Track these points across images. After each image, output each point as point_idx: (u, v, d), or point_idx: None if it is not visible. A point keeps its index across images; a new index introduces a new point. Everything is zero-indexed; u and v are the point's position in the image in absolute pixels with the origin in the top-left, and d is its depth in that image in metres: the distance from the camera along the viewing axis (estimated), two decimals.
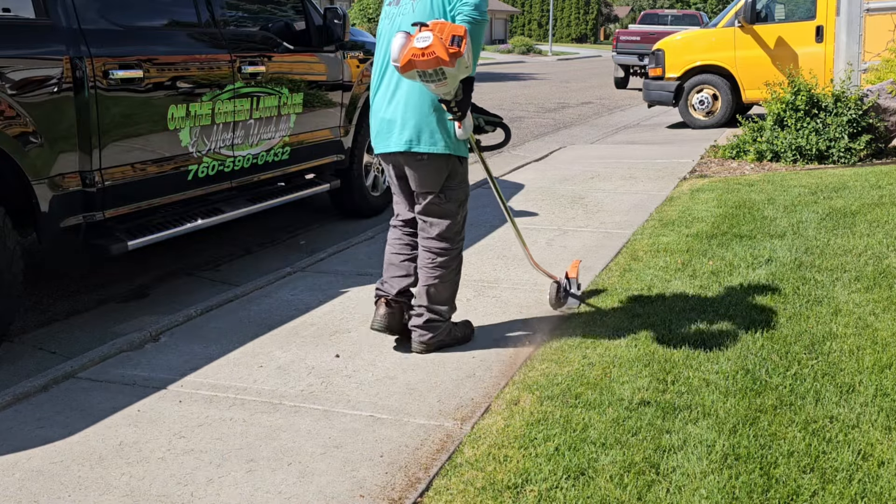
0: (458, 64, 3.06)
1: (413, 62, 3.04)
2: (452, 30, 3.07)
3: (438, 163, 3.48)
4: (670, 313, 3.97)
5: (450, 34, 3.05)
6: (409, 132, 3.44)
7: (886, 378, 3.20)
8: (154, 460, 2.82)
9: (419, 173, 3.51)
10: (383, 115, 3.53)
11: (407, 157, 3.49)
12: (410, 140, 3.45)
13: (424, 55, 3.01)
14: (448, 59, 3.01)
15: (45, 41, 3.89)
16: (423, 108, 3.42)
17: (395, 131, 3.48)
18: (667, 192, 6.99)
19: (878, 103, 8.09)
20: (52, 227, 3.97)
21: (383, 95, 3.54)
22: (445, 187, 3.54)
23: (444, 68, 3.04)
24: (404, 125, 3.45)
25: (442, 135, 3.44)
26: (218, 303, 4.42)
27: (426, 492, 2.60)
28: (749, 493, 2.49)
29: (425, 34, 3.04)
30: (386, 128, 3.52)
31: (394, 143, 3.50)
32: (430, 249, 3.59)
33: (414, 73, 3.10)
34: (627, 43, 20.35)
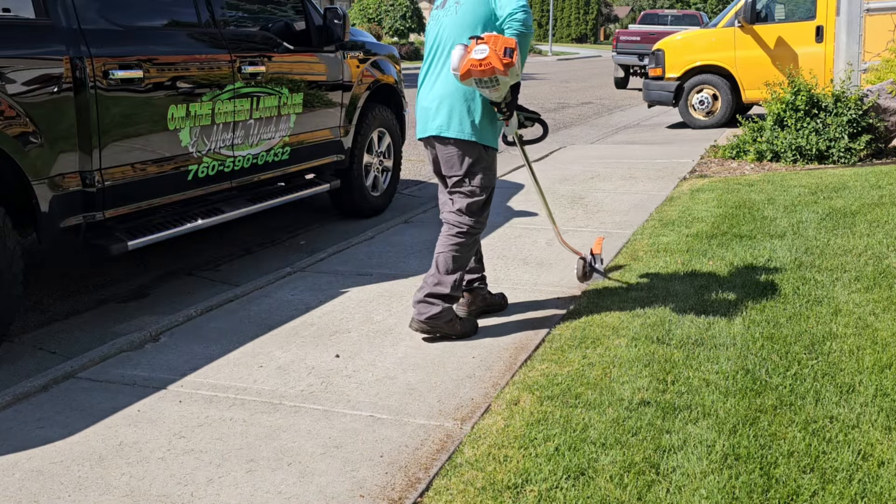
0: (511, 73, 3.43)
1: (471, 71, 3.41)
2: (505, 42, 3.42)
3: (464, 148, 3.76)
4: (670, 313, 3.97)
5: (503, 46, 3.40)
6: (440, 118, 3.75)
7: (886, 378, 3.20)
8: (154, 460, 2.82)
9: (446, 156, 3.82)
10: (423, 104, 3.86)
11: (438, 141, 3.80)
12: (440, 125, 3.75)
13: (482, 65, 3.39)
14: (503, 68, 3.38)
15: (45, 41, 3.89)
16: (455, 97, 3.72)
17: (430, 117, 3.80)
18: (667, 192, 6.99)
19: (878, 103, 8.09)
20: (52, 227, 3.97)
21: (426, 86, 3.87)
22: (470, 172, 3.81)
23: (499, 76, 3.42)
24: (438, 112, 3.76)
25: (470, 123, 3.72)
26: (218, 303, 4.42)
27: (426, 492, 2.61)
28: (749, 493, 2.49)
29: (482, 47, 3.40)
30: (423, 115, 3.84)
31: (429, 129, 3.81)
32: (449, 222, 3.87)
33: (472, 81, 3.48)
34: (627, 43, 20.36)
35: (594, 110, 15.97)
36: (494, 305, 4.20)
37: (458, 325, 3.85)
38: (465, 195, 3.84)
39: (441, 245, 3.84)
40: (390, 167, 6.90)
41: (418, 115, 3.89)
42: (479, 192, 3.84)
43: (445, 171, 3.86)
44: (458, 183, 3.84)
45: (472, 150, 3.76)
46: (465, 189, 3.83)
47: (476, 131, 3.73)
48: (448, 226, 3.87)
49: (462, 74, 3.47)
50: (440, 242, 3.85)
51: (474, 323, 3.97)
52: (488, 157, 3.83)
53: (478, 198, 3.84)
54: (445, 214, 3.91)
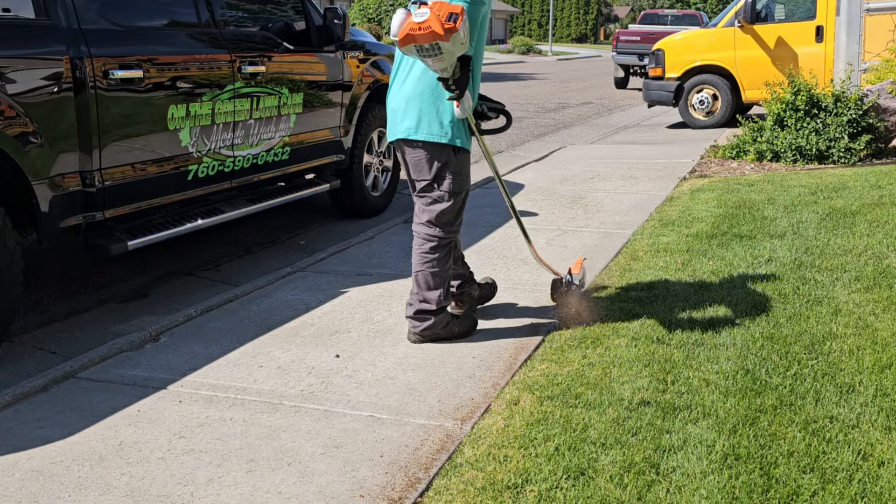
0: (454, 39, 3.16)
1: (411, 35, 3.17)
2: (450, 8, 3.18)
3: (432, 151, 3.59)
4: (670, 313, 3.97)
5: (447, 11, 3.17)
6: (409, 120, 3.59)
7: (886, 378, 3.20)
8: (154, 460, 2.82)
9: (413, 160, 3.64)
10: (392, 105, 3.70)
11: (406, 144, 3.64)
12: (409, 128, 3.59)
13: (421, 29, 3.14)
14: (443, 33, 3.12)
15: (45, 41, 3.89)
16: (423, 98, 3.55)
17: (398, 119, 3.64)
18: (667, 192, 6.99)
19: (878, 103, 8.09)
20: (52, 227, 3.97)
21: (395, 87, 3.70)
22: (438, 176, 3.62)
23: (441, 43, 3.15)
24: (406, 113, 3.60)
25: (438, 124, 3.55)
26: (218, 303, 4.42)
27: (426, 492, 2.61)
28: (749, 493, 2.49)
29: (423, 10, 3.18)
30: (392, 117, 3.69)
31: (397, 131, 3.66)
32: (419, 235, 3.71)
33: (412, 48, 3.22)
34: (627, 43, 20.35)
35: (594, 110, 15.97)
36: (485, 298, 4.18)
37: (455, 328, 3.81)
38: (434, 201, 3.65)
39: (416, 263, 3.71)
40: (390, 167, 6.91)
41: (389, 118, 3.72)
42: (447, 198, 3.63)
43: (414, 175, 3.68)
44: (426, 188, 3.65)
45: (441, 152, 3.59)
46: (434, 195, 3.64)
47: (444, 132, 3.55)
48: (419, 239, 3.70)
49: (401, 39, 3.21)
50: (415, 259, 3.71)
51: (473, 319, 3.93)
52: (458, 160, 3.63)
53: (447, 204, 3.64)
54: (415, 226, 3.73)
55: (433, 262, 3.67)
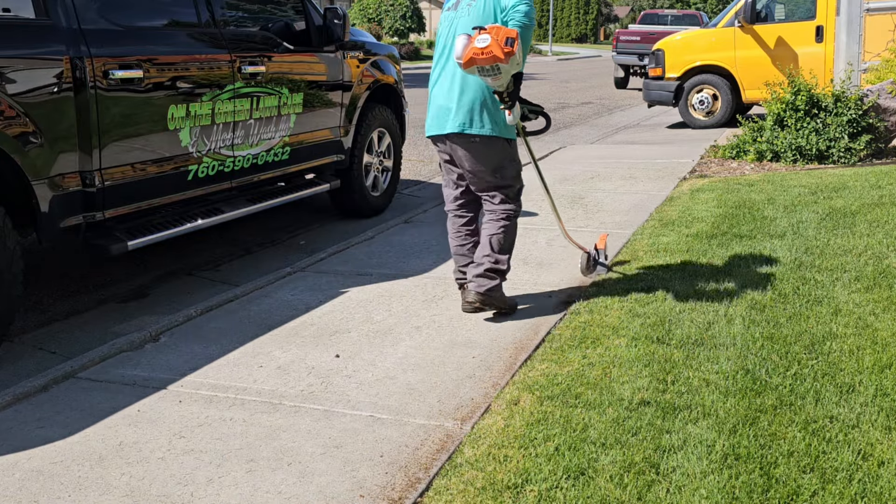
0: (511, 61, 3.56)
1: (474, 59, 3.55)
2: (507, 33, 3.57)
3: (489, 144, 3.94)
4: (670, 313, 3.97)
5: (504, 36, 3.55)
6: (462, 116, 3.91)
7: (886, 378, 3.20)
8: (154, 460, 2.82)
9: (472, 153, 3.97)
10: (440, 103, 4.00)
11: (461, 138, 3.95)
12: (463, 123, 3.91)
13: (483, 54, 3.52)
14: (503, 57, 3.52)
15: (45, 41, 3.89)
16: (475, 97, 3.89)
17: (451, 116, 3.94)
18: (667, 192, 6.99)
19: (878, 103, 8.09)
20: (52, 227, 3.97)
21: (441, 85, 4.02)
22: (499, 166, 4.01)
23: (500, 65, 3.55)
24: (458, 110, 3.91)
25: (490, 120, 3.90)
26: (218, 303, 4.42)
27: (426, 492, 2.61)
28: (749, 493, 2.49)
29: (484, 36, 3.56)
30: (443, 113, 3.98)
31: (449, 126, 3.95)
32: (494, 211, 4.10)
33: (474, 69, 3.61)
34: (627, 43, 20.35)
35: (594, 110, 15.96)
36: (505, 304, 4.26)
37: (507, 300, 4.12)
38: (500, 187, 4.06)
39: (491, 227, 4.06)
40: (390, 167, 6.91)
41: (433, 114, 4.03)
42: (512, 182, 4.08)
43: (470, 166, 4.00)
44: (489, 180, 4.03)
45: (497, 144, 3.95)
46: (500, 183, 4.04)
47: (497, 126, 3.91)
48: (494, 215, 4.09)
49: (465, 62, 3.59)
50: (488, 227, 4.07)
51: (515, 302, 4.21)
52: (511, 150, 4.05)
53: (511, 187, 4.08)
54: (489, 207, 4.11)
55: (506, 229, 4.07)
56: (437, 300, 4.40)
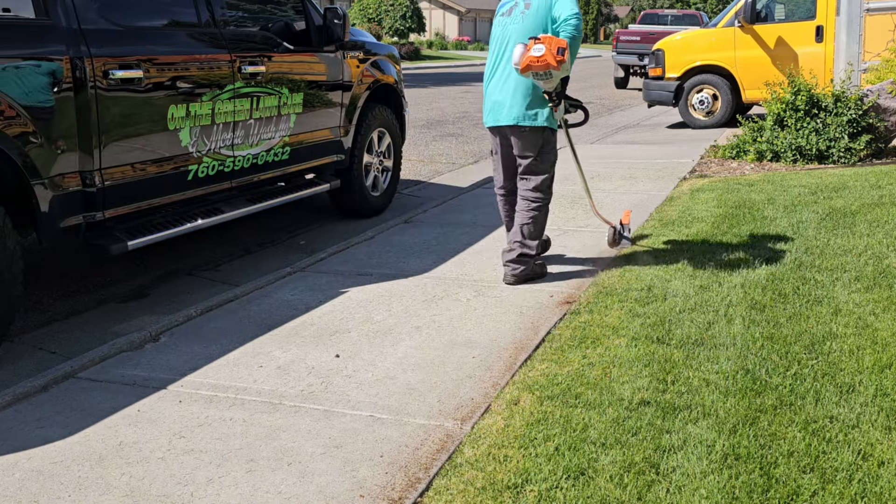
0: (563, 68, 4.17)
1: (530, 66, 4.16)
2: (558, 43, 4.16)
3: (536, 133, 4.55)
4: (670, 313, 3.97)
5: (556, 46, 4.14)
6: (516, 110, 4.50)
7: (886, 378, 3.20)
8: (154, 460, 2.82)
9: (522, 141, 4.58)
10: (496, 98, 4.58)
11: (513, 129, 4.56)
12: (517, 116, 4.51)
13: (539, 62, 4.13)
14: (556, 65, 4.13)
15: (45, 41, 3.89)
16: (527, 94, 4.48)
17: (505, 110, 4.53)
18: (667, 192, 6.99)
19: (878, 103, 8.09)
20: (52, 227, 3.97)
21: (496, 83, 4.60)
22: (541, 151, 4.60)
23: (552, 71, 4.16)
24: (513, 105, 4.51)
25: (539, 113, 4.50)
26: (218, 303, 4.42)
27: (426, 492, 2.61)
28: (749, 493, 2.49)
29: (539, 46, 4.14)
30: (497, 108, 4.58)
31: (504, 118, 4.55)
32: (527, 198, 4.64)
33: (529, 74, 4.21)
34: (627, 43, 20.35)
35: (594, 110, 15.95)
36: (545, 249, 5.03)
37: (537, 269, 4.70)
38: (538, 172, 4.62)
39: (522, 217, 4.63)
40: (390, 167, 6.91)
41: (490, 107, 4.62)
42: (548, 169, 4.65)
43: (520, 152, 4.60)
44: (532, 162, 4.60)
45: (542, 133, 4.56)
46: (539, 166, 4.61)
47: (543, 118, 4.51)
48: (527, 202, 4.64)
49: (522, 68, 4.19)
50: (521, 215, 4.64)
51: (544, 264, 4.79)
52: (553, 139, 4.65)
53: (546, 174, 4.65)
54: (522, 192, 4.65)
55: (536, 217, 4.63)
56: (437, 300, 4.40)
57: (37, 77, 3.80)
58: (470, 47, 53.59)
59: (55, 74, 3.87)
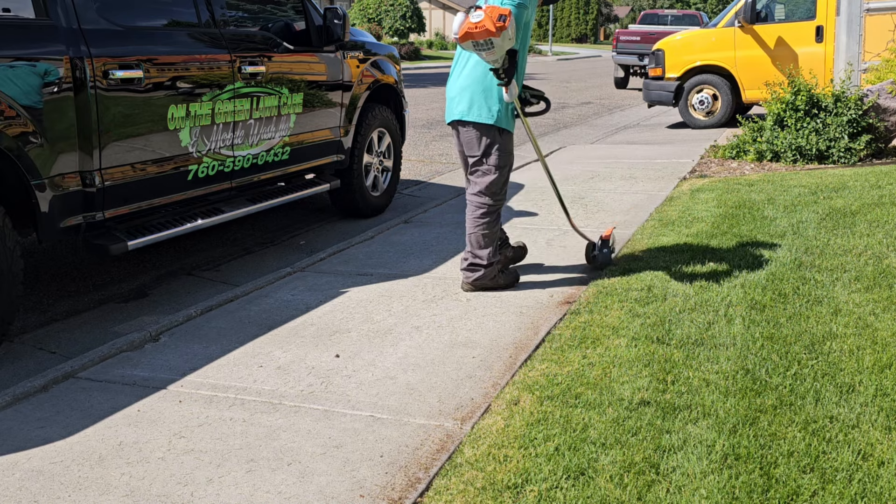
0: (503, 36, 3.88)
1: (469, 33, 3.89)
2: (499, 10, 3.91)
3: (481, 131, 4.31)
4: (670, 313, 3.97)
5: (497, 13, 3.89)
6: (463, 105, 4.32)
7: (886, 378, 3.20)
8: (154, 460, 2.82)
9: (465, 138, 4.39)
10: (449, 94, 4.46)
11: (459, 124, 4.37)
12: (462, 111, 4.32)
13: (477, 27, 3.88)
14: (495, 30, 3.85)
15: (45, 41, 3.89)
16: (475, 87, 4.28)
17: (454, 104, 4.38)
18: (667, 192, 6.99)
19: (878, 103, 8.09)
20: (52, 227, 3.97)
21: (452, 78, 4.47)
22: (486, 153, 4.35)
23: (493, 39, 3.87)
24: (461, 99, 4.34)
25: (486, 109, 4.27)
26: (218, 303, 4.42)
27: (426, 492, 2.61)
28: (749, 493, 2.49)
29: (478, 13, 3.93)
30: (449, 103, 4.44)
31: (453, 114, 4.39)
32: (472, 203, 4.44)
33: (469, 44, 3.94)
34: (627, 43, 20.35)
35: (594, 110, 15.96)
36: (518, 258, 4.89)
37: (501, 280, 4.50)
38: (482, 174, 4.38)
39: (470, 225, 4.43)
40: (390, 167, 6.91)
41: (447, 104, 4.48)
42: (494, 171, 4.36)
43: (466, 151, 4.40)
44: (476, 163, 4.38)
45: (489, 132, 4.31)
46: (483, 168, 4.37)
47: (492, 115, 4.27)
48: (472, 206, 4.43)
49: (461, 36, 3.93)
50: (469, 223, 4.44)
51: (515, 274, 4.61)
52: (503, 140, 4.36)
53: (493, 176, 4.36)
54: (468, 196, 4.45)
55: (484, 225, 4.40)
56: (437, 300, 4.40)
57: (37, 77, 3.80)
58: None
59: (55, 74, 3.87)
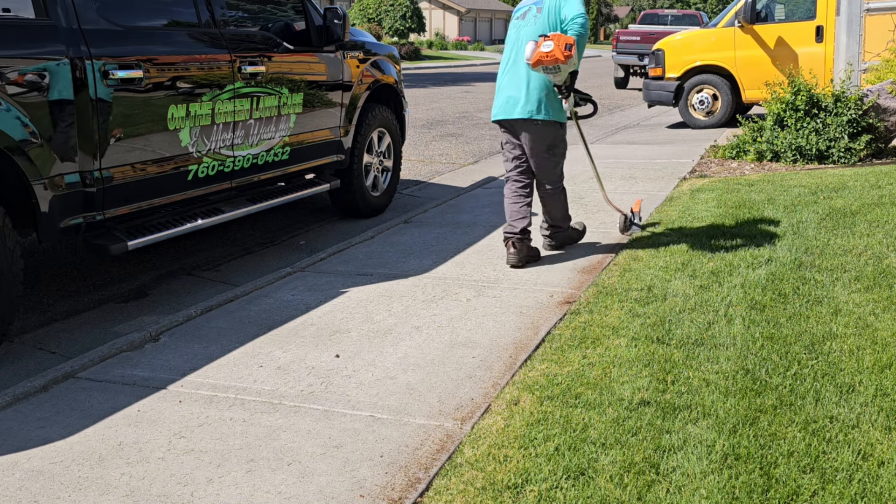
0: (570, 62, 4.57)
1: (541, 61, 4.58)
2: (566, 40, 4.56)
3: (547, 127, 4.93)
4: (670, 313, 3.97)
5: (564, 42, 4.54)
6: (531, 106, 4.87)
7: (886, 378, 3.20)
8: (154, 460, 2.82)
9: (534, 134, 4.94)
10: (509, 94, 4.94)
11: (526, 122, 4.91)
12: (531, 111, 4.87)
13: (548, 56, 4.54)
14: (563, 59, 4.53)
15: (45, 41, 3.89)
16: (539, 90, 4.87)
17: (520, 105, 4.88)
18: (667, 192, 6.99)
19: (878, 103, 8.09)
20: (52, 227, 3.97)
21: (510, 80, 4.97)
22: (552, 145, 5.00)
23: (560, 65, 4.56)
24: (528, 101, 4.87)
25: (550, 108, 4.89)
26: (218, 303, 4.42)
27: (426, 492, 2.61)
28: (749, 493, 2.49)
29: (548, 43, 4.55)
30: (511, 102, 4.93)
31: (517, 113, 4.90)
32: (544, 187, 5.13)
33: (540, 69, 4.64)
34: (627, 43, 20.35)
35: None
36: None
37: (572, 233, 5.36)
38: (550, 162, 5.04)
39: (545, 203, 5.20)
40: (390, 167, 6.91)
41: (504, 103, 4.96)
42: (560, 158, 5.09)
43: (534, 145, 4.96)
44: (545, 153, 5.00)
45: (554, 127, 4.95)
46: (551, 157, 5.03)
47: (558, 114, 4.92)
48: (545, 190, 5.13)
49: (533, 63, 4.60)
50: (543, 202, 5.20)
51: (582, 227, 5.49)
52: (562, 132, 5.05)
53: (558, 165, 5.09)
54: (540, 181, 5.10)
55: (557, 199, 5.17)
56: (437, 300, 4.41)
57: (37, 77, 3.80)
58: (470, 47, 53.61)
59: (55, 75, 3.87)
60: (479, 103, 17.14)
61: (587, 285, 4.52)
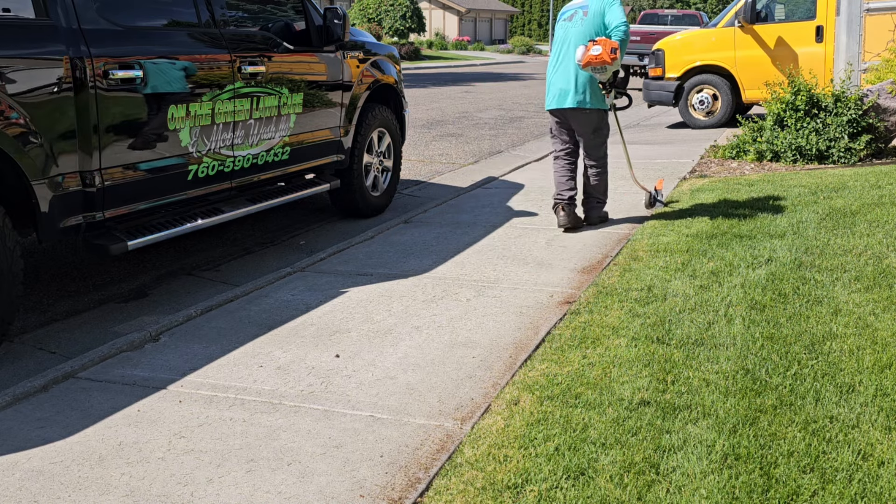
0: (615, 63, 5.42)
1: (590, 62, 5.44)
2: (612, 44, 5.41)
3: (594, 114, 5.80)
4: (670, 313, 3.97)
5: (610, 47, 5.40)
6: (580, 96, 5.72)
7: (886, 378, 3.20)
8: (154, 460, 2.82)
9: (582, 120, 5.81)
10: (561, 86, 5.78)
11: (576, 111, 5.77)
12: (581, 101, 5.72)
13: (597, 59, 5.41)
14: (610, 61, 5.40)
15: (45, 41, 3.89)
16: (585, 83, 5.71)
17: (570, 95, 5.73)
18: (667, 192, 6.98)
19: (878, 103, 8.09)
20: (52, 227, 3.97)
21: (561, 75, 5.80)
22: (597, 129, 5.87)
23: (606, 66, 5.43)
24: (577, 91, 5.72)
25: (596, 98, 5.74)
26: (218, 303, 4.42)
27: (426, 492, 2.61)
28: (749, 493, 2.49)
29: (597, 47, 5.42)
30: (563, 94, 5.77)
31: (569, 103, 5.75)
32: (590, 165, 5.97)
33: (589, 68, 5.49)
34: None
35: None
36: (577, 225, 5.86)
37: (603, 214, 6.04)
38: (596, 144, 5.90)
39: (589, 179, 5.97)
40: (390, 167, 6.90)
41: (556, 93, 5.80)
42: (603, 141, 5.95)
43: (584, 130, 5.83)
44: (591, 137, 5.87)
45: (599, 114, 5.82)
46: (596, 140, 5.89)
47: (599, 102, 5.75)
48: (590, 167, 5.95)
49: (583, 64, 5.47)
50: (588, 178, 5.97)
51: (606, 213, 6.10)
52: (606, 118, 5.92)
53: (602, 145, 5.95)
54: (587, 161, 5.96)
55: (600, 176, 5.97)
56: (437, 300, 4.41)
57: (37, 77, 3.80)
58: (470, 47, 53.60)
59: (55, 74, 3.87)
60: (479, 103, 17.14)
61: (587, 285, 4.52)
